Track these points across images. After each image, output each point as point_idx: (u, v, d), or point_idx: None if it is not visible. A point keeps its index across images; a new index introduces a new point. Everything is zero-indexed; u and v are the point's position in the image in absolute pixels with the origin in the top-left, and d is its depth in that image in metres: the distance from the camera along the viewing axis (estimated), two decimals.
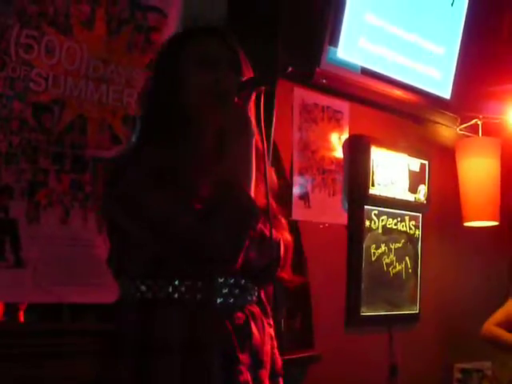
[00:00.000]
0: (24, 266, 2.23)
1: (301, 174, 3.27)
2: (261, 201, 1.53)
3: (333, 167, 3.41)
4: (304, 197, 3.28)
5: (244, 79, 1.56)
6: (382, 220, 3.57)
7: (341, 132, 3.46)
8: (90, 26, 2.42)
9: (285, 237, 1.64)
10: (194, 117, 1.59)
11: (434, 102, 3.91)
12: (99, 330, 1.99)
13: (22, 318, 2.49)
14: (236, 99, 1.53)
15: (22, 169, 2.25)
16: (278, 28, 2.98)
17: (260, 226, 1.53)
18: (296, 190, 3.24)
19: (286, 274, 1.64)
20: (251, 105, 1.59)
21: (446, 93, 3.94)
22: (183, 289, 1.48)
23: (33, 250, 2.25)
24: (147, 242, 1.50)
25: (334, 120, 3.45)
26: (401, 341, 3.65)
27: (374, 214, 3.54)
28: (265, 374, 1.57)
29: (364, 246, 3.47)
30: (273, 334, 1.66)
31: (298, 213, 3.23)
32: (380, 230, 3.56)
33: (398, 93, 3.69)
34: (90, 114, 2.42)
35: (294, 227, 3.20)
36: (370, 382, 3.44)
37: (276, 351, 1.66)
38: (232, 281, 1.53)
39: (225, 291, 1.52)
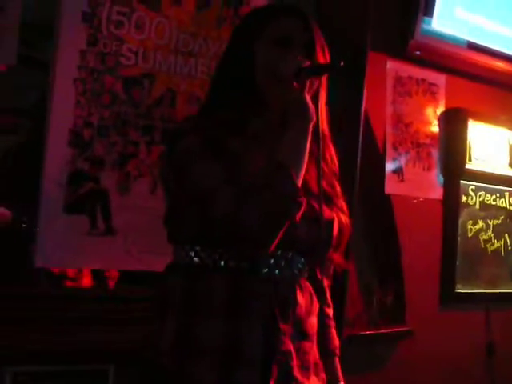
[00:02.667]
0: (114, 234, 2.33)
1: (394, 147, 3.23)
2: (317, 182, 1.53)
3: (428, 141, 3.34)
4: (398, 171, 3.24)
5: (304, 65, 1.52)
6: (480, 195, 3.48)
7: (436, 105, 3.38)
8: (178, 1, 2.47)
9: (342, 219, 1.63)
10: (260, 94, 1.58)
11: None
12: None
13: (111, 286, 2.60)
14: (295, 84, 1.50)
15: (113, 141, 2.34)
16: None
17: (314, 204, 1.53)
18: (389, 164, 3.20)
19: (337, 256, 1.63)
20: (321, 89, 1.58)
21: None
22: (230, 257, 1.50)
23: (123, 218, 2.35)
24: (192, 210, 1.51)
25: (430, 93, 3.37)
26: (499, 320, 3.55)
27: (471, 190, 3.45)
28: (309, 345, 1.57)
29: (460, 221, 3.39)
30: (330, 314, 1.67)
31: (392, 187, 3.19)
32: (477, 206, 3.47)
33: (500, 65, 3.56)
34: (179, 88, 2.48)
35: (387, 201, 3.18)
36: (465, 361, 3.37)
37: (333, 331, 1.67)
38: (279, 252, 1.52)
39: (272, 262, 1.52)
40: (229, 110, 1.57)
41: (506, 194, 3.61)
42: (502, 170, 3.56)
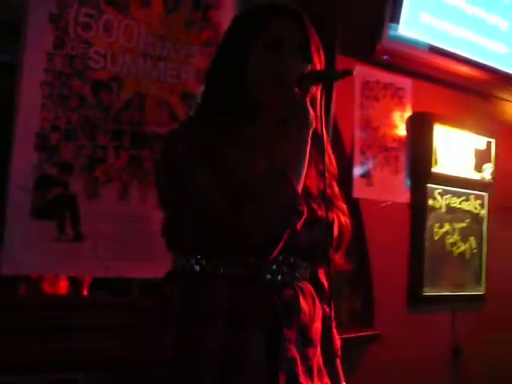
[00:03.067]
0: (83, 241, 2.28)
1: (362, 151, 3.24)
2: (318, 184, 1.54)
3: (395, 145, 3.36)
4: (366, 175, 3.25)
5: (307, 71, 1.50)
6: (446, 199, 3.51)
7: (403, 109, 3.40)
8: (147, 3, 2.45)
9: (342, 220, 1.60)
10: (253, 100, 1.55)
11: (500, 77, 3.79)
12: None
13: (85, 292, 2.55)
14: (296, 89, 1.47)
15: (82, 145, 2.30)
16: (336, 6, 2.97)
17: (315, 207, 1.50)
18: (357, 168, 3.21)
19: (338, 256, 1.60)
20: (317, 94, 1.55)
21: None
22: (231, 264, 1.47)
23: (91, 224, 2.30)
24: (190, 217, 1.49)
25: (397, 97, 3.39)
26: (465, 322, 3.58)
27: (438, 193, 3.48)
28: (312, 351, 1.54)
29: (427, 224, 3.42)
30: (332, 314, 1.63)
31: (360, 191, 3.20)
32: (444, 209, 3.49)
33: (464, 69, 3.60)
34: (148, 92, 2.45)
35: (355, 205, 3.19)
36: (432, 363, 3.39)
37: (334, 331, 1.65)
38: (281, 258, 1.49)
39: (274, 268, 1.49)
40: (223, 116, 1.53)
41: (472, 197, 3.65)
42: (468, 173, 3.60)
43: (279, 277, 1.49)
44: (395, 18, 3.19)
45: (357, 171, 3.19)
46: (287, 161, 1.43)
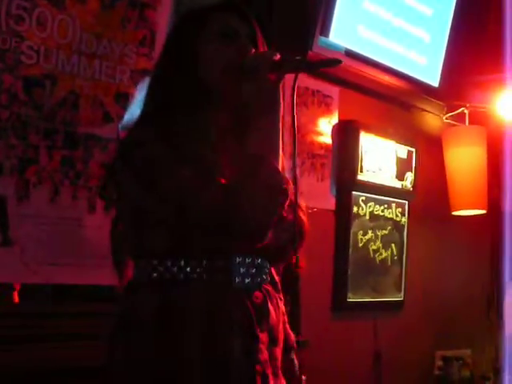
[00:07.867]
0: (12, 245, 2.16)
1: (290, 157, 3.22)
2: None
3: (322, 152, 3.37)
4: (293, 181, 3.23)
5: (281, 58, 1.50)
6: (370, 206, 3.54)
7: (330, 117, 3.42)
8: None
9: (302, 218, 1.66)
10: (215, 91, 1.55)
11: (421, 89, 3.89)
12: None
13: (16, 299, 2.41)
14: (269, 75, 1.48)
15: (12, 144, 2.18)
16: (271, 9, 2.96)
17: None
18: (284, 174, 3.19)
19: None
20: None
21: (433, 80, 3.92)
22: (201, 269, 1.45)
23: (21, 228, 2.19)
24: (167, 217, 1.45)
25: (324, 104, 3.40)
26: (385, 327, 3.63)
27: (362, 200, 3.51)
28: (279, 351, 1.57)
29: (351, 232, 3.44)
30: (284, 309, 1.65)
31: None
32: (367, 217, 3.53)
33: (386, 78, 3.66)
34: (82, 90, 2.36)
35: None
36: (355, 369, 3.42)
37: (287, 326, 1.66)
38: (249, 260, 1.51)
39: (242, 271, 1.49)
40: (185, 114, 1.52)
41: (393, 205, 3.70)
42: (390, 181, 3.65)
43: (248, 279, 1.50)
44: (326, 25, 3.21)
45: None
46: (265, 143, 1.47)
